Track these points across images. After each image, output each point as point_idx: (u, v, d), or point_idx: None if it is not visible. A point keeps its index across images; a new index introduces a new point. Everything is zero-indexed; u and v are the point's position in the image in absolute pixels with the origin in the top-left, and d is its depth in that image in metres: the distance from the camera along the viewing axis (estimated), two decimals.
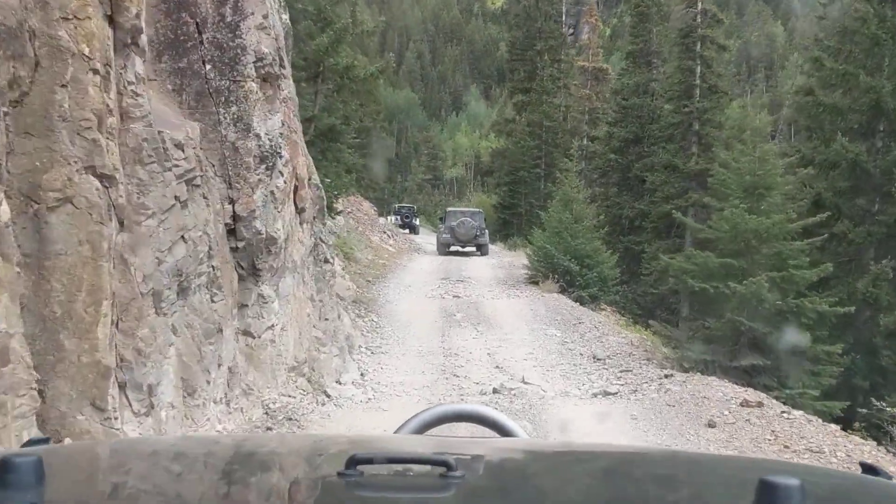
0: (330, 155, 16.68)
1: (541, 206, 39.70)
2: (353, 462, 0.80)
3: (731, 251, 9.03)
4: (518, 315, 12.62)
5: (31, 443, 1.03)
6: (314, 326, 7.56)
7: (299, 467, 1.02)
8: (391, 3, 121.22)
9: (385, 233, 28.41)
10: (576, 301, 16.08)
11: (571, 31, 45.52)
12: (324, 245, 8.95)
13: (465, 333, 10.98)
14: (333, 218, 17.74)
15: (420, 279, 17.21)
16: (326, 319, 8.04)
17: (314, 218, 7.94)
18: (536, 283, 16.89)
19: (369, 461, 0.82)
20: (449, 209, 27.20)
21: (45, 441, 1.05)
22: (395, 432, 1.38)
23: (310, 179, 7.59)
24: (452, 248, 24.16)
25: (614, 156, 29.78)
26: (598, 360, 9.67)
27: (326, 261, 8.62)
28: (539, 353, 10.03)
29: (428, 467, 0.83)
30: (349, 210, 28.70)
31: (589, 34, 43.97)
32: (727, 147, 14.64)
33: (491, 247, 28.28)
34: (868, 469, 0.93)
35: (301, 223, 7.20)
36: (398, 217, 34.44)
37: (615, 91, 32.47)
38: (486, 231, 25.23)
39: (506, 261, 22.51)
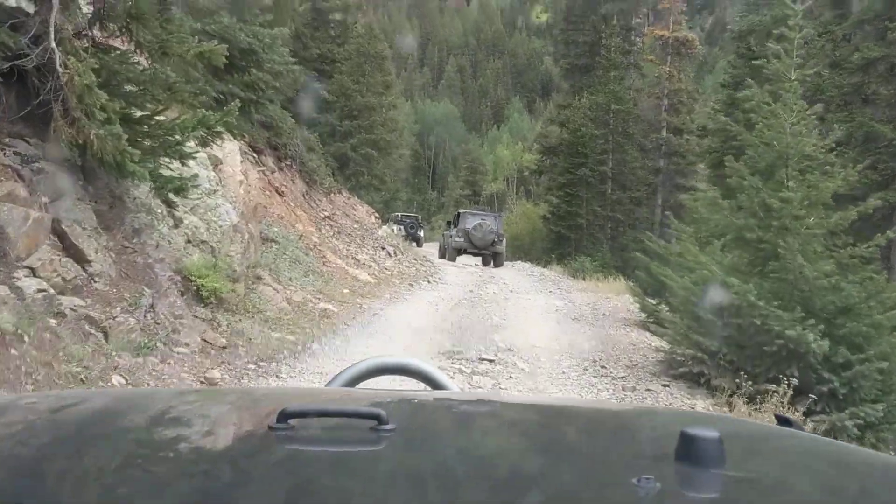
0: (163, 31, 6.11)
1: (606, 217, 28.57)
2: (284, 416, 0.76)
3: None
4: None
5: None
6: None
7: (230, 421, 0.96)
8: (431, 16, 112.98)
9: (383, 249, 17.60)
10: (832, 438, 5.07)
11: None
12: None
13: None
14: (179, 195, 7.03)
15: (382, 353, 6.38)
16: None
17: None
18: (698, 380, 5.91)
19: (301, 415, 0.78)
20: (462, 210, 22.83)
21: None
22: (326, 385, 1.36)
23: None
24: (464, 255, 20.30)
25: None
26: None
27: None
28: None
29: (360, 420, 0.80)
30: (325, 214, 18.00)
31: None
32: None
33: (545, 272, 18.53)
34: (782, 421, 0.96)
35: None
36: (401, 227, 24.22)
37: None
38: (504, 238, 20.81)
39: (581, 301, 11.45)
